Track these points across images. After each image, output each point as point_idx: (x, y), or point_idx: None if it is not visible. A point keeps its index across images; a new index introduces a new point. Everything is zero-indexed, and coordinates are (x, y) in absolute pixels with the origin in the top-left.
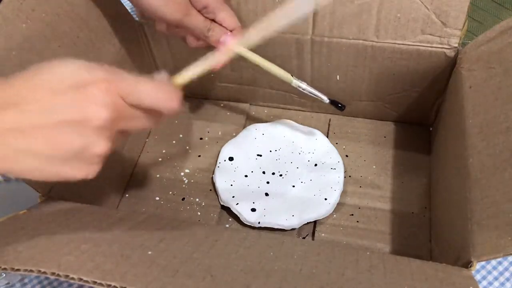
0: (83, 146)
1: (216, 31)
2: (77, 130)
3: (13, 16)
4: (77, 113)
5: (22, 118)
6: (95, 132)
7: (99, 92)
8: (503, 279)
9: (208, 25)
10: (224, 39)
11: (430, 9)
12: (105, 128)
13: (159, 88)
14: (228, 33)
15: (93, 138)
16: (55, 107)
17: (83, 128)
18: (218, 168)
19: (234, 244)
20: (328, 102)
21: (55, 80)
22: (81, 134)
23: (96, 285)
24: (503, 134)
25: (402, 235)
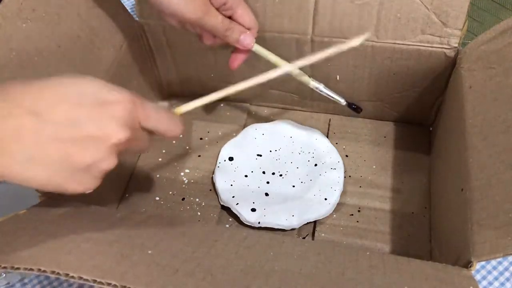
0: (95, 161)
1: (235, 30)
2: (94, 146)
3: (13, 16)
4: (98, 129)
5: (42, 128)
6: (109, 149)
7: (124, 112)
8: (503, 279)
9: (226, 24)
10: (243, 38)
11: (430, 9)
12: (119, 146)
13: (171, 117)
14: (247, 31)
15: (105, 155)
16: (78, 121)
17: (100, 144)
18: (218, 168)
19: (234, 244)
20: (345, 104)
21: (80, 94)
22: (96, 150)
23: (96, 284)
24: (503, 134)
25: (402, 235)
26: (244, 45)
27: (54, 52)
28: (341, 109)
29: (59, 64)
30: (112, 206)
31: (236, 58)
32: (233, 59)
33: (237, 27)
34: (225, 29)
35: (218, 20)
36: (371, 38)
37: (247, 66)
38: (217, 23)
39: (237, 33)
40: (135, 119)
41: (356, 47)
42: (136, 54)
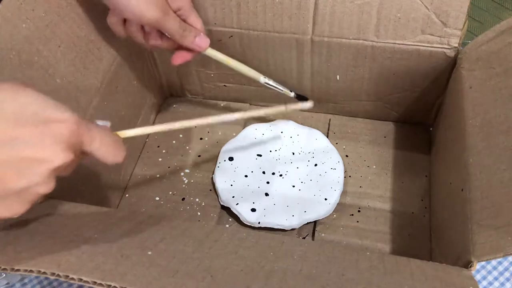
0: (31, 186)
1: (192, 31)
2: (30, 168)
3: (13, 16)
4: (37, 151)
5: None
6: (47, 173)
7: (67, 133)
8: (503, 279)
9: (183, 25)
10: (199, 40)
11: (430, 9)
12: (58, 170)
13: (115, 142)
14: (202, 34)
15: (42, 179)
16: (13, 140)
17: (39, 167)
18: (218, 168)
19: (234, 244)
20: (293, 96)
21: (20, 111)
22: (34, 174)
23: (96, 286)
24: (503, 134)
25: (402, 235)
26: (199, 46)
27: (54, 52)
28: (341, 109)
29: (59, 64)
30: (112, 206)
31: (181, 56)
32: (178, 56)
33: (193, 29)
34: (182, 30)
35: (176, 21)
36: (371, 38)
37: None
38: (175, 24)
39: (193, 35)
40: (78, 141)
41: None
42: (136, 54)
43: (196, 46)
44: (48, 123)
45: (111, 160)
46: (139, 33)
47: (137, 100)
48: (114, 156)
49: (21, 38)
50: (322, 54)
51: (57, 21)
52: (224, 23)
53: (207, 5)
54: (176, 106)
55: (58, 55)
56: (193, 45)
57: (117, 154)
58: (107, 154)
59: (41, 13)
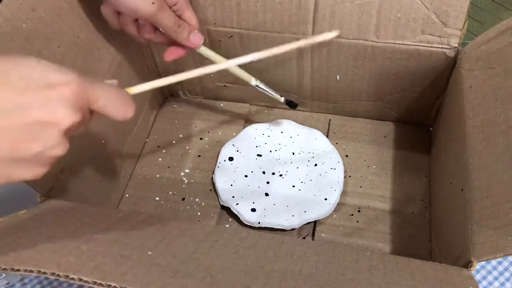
0: (46, 148)
1: (186, 27)
2: (42, 132)
3: (13, 16)
4: (45, 114)
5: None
6: (59, 135)
7: (72, 94)
8: (503, 279)
9: (178, 21)
10: (193, 37)
11: (430, 9)
12: (70, 130)
13: (122, 98)
14: (196, 31)
15: (56, 141)
16: (22, 107)
17: (51, 130)
18: (218, 168)
19: (234, 244)
20: (283, 102)
21: (24, 77)
22: (47, 136)
23: (96, 286)
24: (503, 134)
25: (402, 235)
26: (193, 43)
27: (54, 52)
28: (341, 109)
29: (59, 64)
30: (112, 206)
31: (174, 52)
32: (171, 52)
33: (187, 25)
34: (177, 26)
35: (171, 16)
36: (371, 38)
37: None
38: (170, 19)
39: (187, 31)
40: (84, 100)
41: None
42: (136, 54)
43: (189, 43)
44: (53, 87)
45: (120, 116)
46: (133, 26)
47: (137, 100)
48: (123, 112)
49: (21, 38)
50: (322, 54)
51: (57, 21)
52: (224, 23)
53: (207, 5)
54: (176, 106)
55: (58, 55)
56: (187, 42)
57: (126, 110)
58: (114, 110)
59: (41, 13)
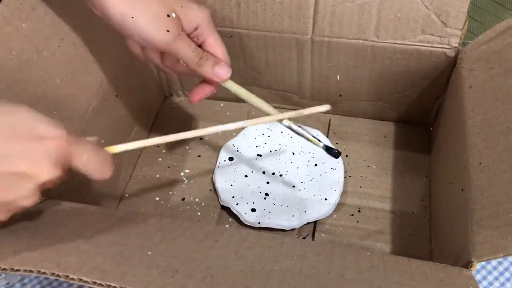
0: (17, 199)
1: (209, 59)
2: (19, 183)
3: (13, 16)
4: (27, 166)
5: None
6: (34, 187)
7: (57, 150)
8: (503, 279)
9: (200, 52)
10: (217, 70)
11: (430, 9)
12: (44, 185)
13: (103, 158)
14: (222, 63)
15: (29, 193)
16: (7, 155)
17: (27, 182)
18: (218, 168)
19: (234, 244)
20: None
21: (13, 126)
22: (21, 188)
23: (96, 286)
24: (503, 134)
25: (402, 235)
26: (218, 76)
27: (54, 52)
28: (341, 109)
29: (59, 64)
30: (112, 206)
31: (201, 92)
32: (197, 93)
33: (211, 56)
34: (198, 58)
35: (191, 46)
36: (371, 38)
37: (245, 71)
38: (189, 49)
39: (211, 63)
40: (67, 157)
41: (356, 49)
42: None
43: (214, 76)
44: (40, 140)
45: (97, 176)
46: (156, 57)
47: (137, 100)
48: (101, 172)
49: (21, 38)
50: (322, 54)
51: (57, 21)
52: (224, 23)
53: (207, 5)
54: (176, 106)
55: (58, 55)
56: (211, 75)
57: (104, 170)
58: (94, 170)
59: (41, 13)
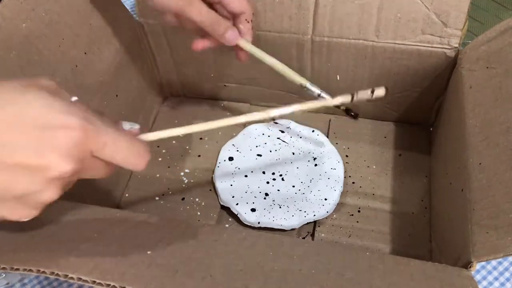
0: (29, 193)
1: (221, 24)
2: (28, 176)
3: (13, 16)
4: (33, 158)
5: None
6: (46, 182)
7: (68, 141)
8: (503, 279)
9: (211, 17)
10: (229, 35)
11: (431, 9)
12: (60, 179)
13: (133, 147)
14: (233, 28)
15: (42, 187)
16: (11, 145)
17: (35, 175)
18: (218, 168)
19: (233, 244)
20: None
21: (20, 114)
22: (30, 181)
23: (96, 285)
24: (503, 135)
25: (402, 235)
26: (227, 41)
27: (54, 52)
28: (341, 109)
29: (59, 64)
30: (112, 206)
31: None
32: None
33: (223, 21)
34: (209, 23)
35: (202, 11)
36: (371, 38)
37: (245, 71)
38: (200, 15)
39: (222, 29)
40: (85, 148)
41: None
42: (136, 54)
43: (224, 40)
44: (48, 129)
45: (130, 167)
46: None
47: (137, 100)
48: (133, 163)
49: (21, 38)
50: (322, 54)
51: (57, 21)
52: None
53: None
54: (176, 106)
55: (58, 55)
56: (221, 39)
57: (136, 161)
58: (123, 161)
59: (41, 13)
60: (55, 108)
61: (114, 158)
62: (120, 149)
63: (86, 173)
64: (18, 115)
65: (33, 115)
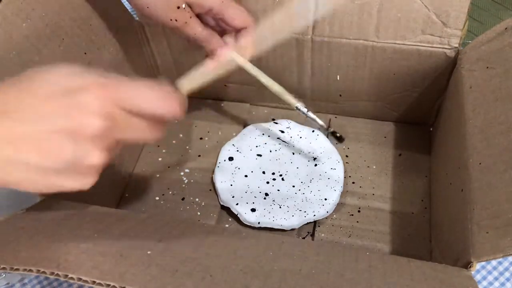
0: (77, 156)
1: (212, 43)
2: (70, 140)
3: (13, 15)
4: (69, 121)
5: (10, 126)
6: (88, 142)
7: (92, 99)
8: (503, 279)
9: (204, 35)
10: (219, 53)
11: (431, 9)
12: (99, 137)
13: (161, 93)
14: (225, 46)
15: (86, 148)
16: (45, 115)
17: (76, 137)
18: (218, 168)
19: (233, 244)
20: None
21: (46, 85)
22: (74, 144)
23: (95, 285)
24: (503, 135)
25: (402, 235)
26: (218, 57)
27: (54, 52)
28: (341, 109)
29: (60, 64)
30: (112, 206)
31: None
32: None
33: (215, 40)
34: (202, 41)
35: (197, 31)
36: (371, 38)
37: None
38: (193, 34)
39: (213, 46)
40: (110, 103)
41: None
42: (136, 54)
43: (214, 57)
44: (73, 93)
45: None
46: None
47: None
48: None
49: (21, 38)
50: (322, 54)
51: (57, 21)
52: None
53: None
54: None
55: (58, 54)
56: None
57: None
58: (155, 108)
59: (41, 13)
60: (73, 73)
61: (142, 108)
62: (146, 97)
63: (125, 132)
64: (46, 85)
65: (59, 83)
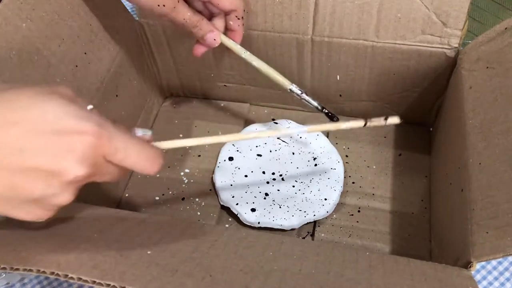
0: (45, 196)
1: (202, 27)
2: (44, 180)
3: (13, 15)
4: (50, 162)
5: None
6: (62, 185)
7: (82, 146)
8: (503, 279)
9: (194, 21)
10: (209, 37)
11: (430, 9)
12: (75, 183)
13: (144, 152)
14: (214, 30)
15: (57, 191)
16: (26, 150)
17: (51, 179)
18: (218, 168)
19: (233, 244)
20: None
21: (37, 119)
22: (46, 184)
23: (96, 285)
24: (503, 135)
25: (402, 235)
26: (208, 43)
27: (54, 52)
28: (341, 109)
29: (59, 64)
30: (112, 206)
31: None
32: (198, 48)
33: (204, 25)
34: (191, 26)
35: (185, 16)
36: (371, 38)
37: (245, 71)
38: (182, 19)
39: (202, 32)
40: (98, 153)
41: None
42: (136, 54)
43: (204, 42)
44: (64, 135)
45: (142, 171)
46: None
47: (137, 100)
48: (144, 167)
49: (21, 38)
50: (322, 54)
51: (57, 21)
52: None
53: None
54: (176, 106)
55: (58, 54)
56: (202, 41)
57: (147, 166)
58: (135, 166)
59: (41, 13)
60: (71, 114)
61: (125, 163)
62: (132, 153)
63: (100, 177)
64: (35, 120)
65: (50, 120)
